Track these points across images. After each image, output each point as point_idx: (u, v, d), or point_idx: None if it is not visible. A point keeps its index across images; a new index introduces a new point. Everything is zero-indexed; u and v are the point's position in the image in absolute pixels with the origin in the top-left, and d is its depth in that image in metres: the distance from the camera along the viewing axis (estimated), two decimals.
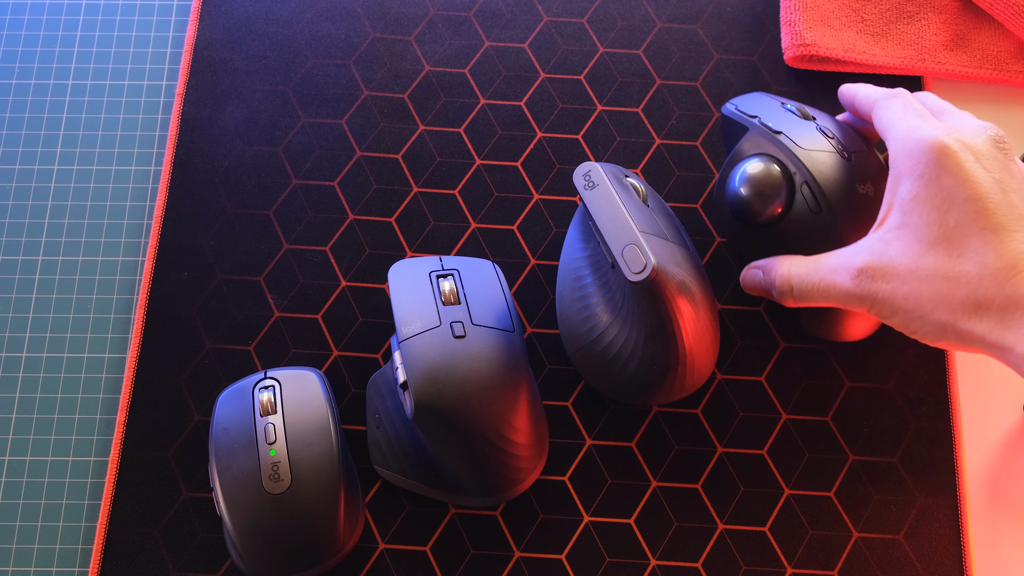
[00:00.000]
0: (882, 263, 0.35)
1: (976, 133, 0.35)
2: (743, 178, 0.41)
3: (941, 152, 0.34)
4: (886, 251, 0.35)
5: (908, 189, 0.35)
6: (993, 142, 0.35)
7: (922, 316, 0.34)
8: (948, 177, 0.34)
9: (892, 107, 0.38)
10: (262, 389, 0.41)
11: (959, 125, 0.36)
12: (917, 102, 0.38)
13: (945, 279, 0.33)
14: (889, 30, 0.49)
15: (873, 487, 0.43)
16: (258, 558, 0.38)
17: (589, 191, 0.40)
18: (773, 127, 0.41)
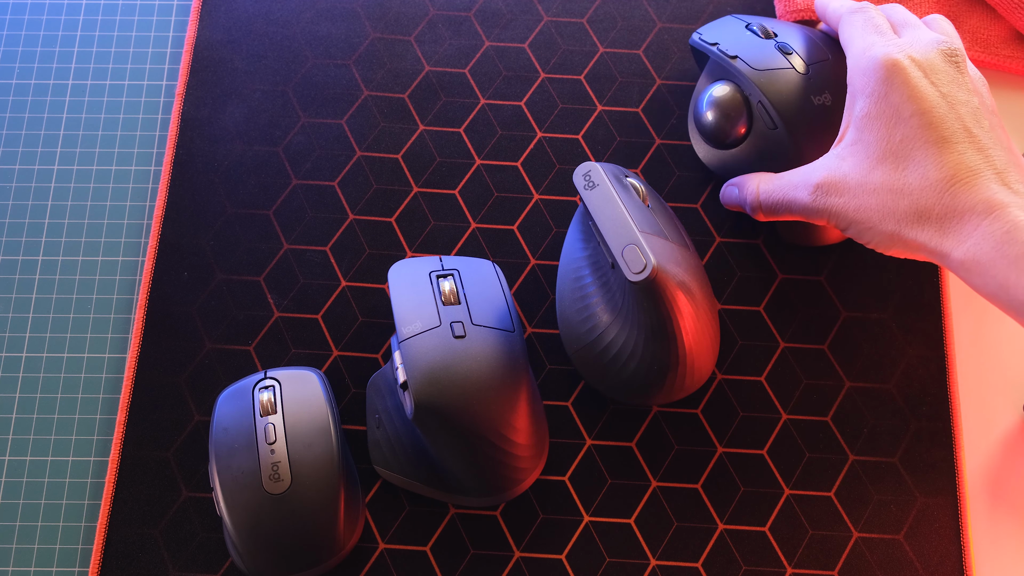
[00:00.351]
0: (836, 178, 0.37)
1: (928, 48, 0.37)
2: (706, 102, 0.45)
3: (891, 69, 0.36)
4: (840, 167, 0.37)
5: (861, 106, 0.37)
6: (944, 55, 0.36)
7: (872, 227, 0.36)
8: (896, 94, 0.35)
9: (854, 23, 0.39)
10: (262, 389, 0.41)
11: (913, 41, 0.37)
12: (880, 16, 0.39)
13: (891, 191, 0.35)
14: None
15: (873, 487, 0.43)
16: (258, 558, 0.38)
17: (589, 191, 0.40)
18: (729, 53, 0.44)
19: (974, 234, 0.33)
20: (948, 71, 0.36)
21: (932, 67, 0.36)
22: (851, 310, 0.46)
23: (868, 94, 0.36)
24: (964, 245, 0.33)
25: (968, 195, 0.33)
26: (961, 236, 0.33)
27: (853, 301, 0.46)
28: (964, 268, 0.34)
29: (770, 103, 0.42)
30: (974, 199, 0.33)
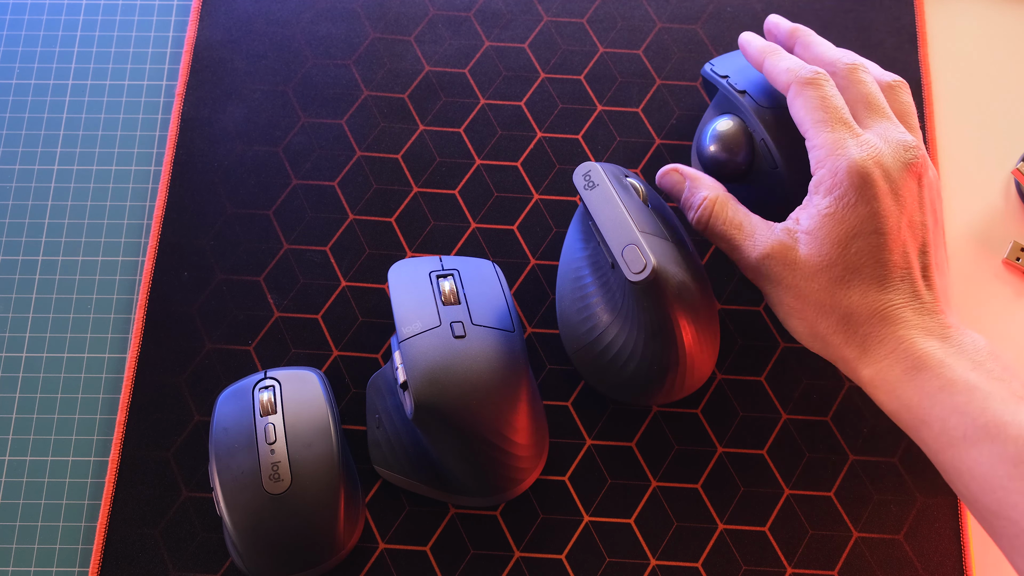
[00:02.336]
0: (786, 258, 0.37)
1: (896, 156, 0.36)
2: (709, 135, 0.44)
3: (864, 179, 0.36)
4: (793, 248, 0.37)
5: (827, 204, 0.36)
6: (910, 169, 0.36)
7: (802, 319, 0.37)
8: (864, 206, 0.35)
9: (809, 102, 0.38)
10: (262, 389, 0.41)
11: (883, 144, 0.37)
12: (837, 95, 0.38)
13: (831, 297, 0.36)
14: None
15: (873, 487, 0.43)
16: (258, 558, 0.38)
17: (589, 191, 0.40)
18: (738, 87, 0.44)
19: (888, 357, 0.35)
20: (912, 188, 0.36)
21: (899, 184, 0.36)
22: None
23: (836, 196, 0.36)
24: (875, 366, 0.35)
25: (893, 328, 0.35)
26: (876, 357, 0.35)
27: None
28: (872, 385, 0.35)
29: (773, 143, 0.42)
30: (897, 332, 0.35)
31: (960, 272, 0.46)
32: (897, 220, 0.36)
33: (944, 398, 0.33)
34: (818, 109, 0.37)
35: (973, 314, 0.46)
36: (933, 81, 0.50)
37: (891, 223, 0.35)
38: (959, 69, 0.50)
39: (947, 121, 0.49)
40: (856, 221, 0.35)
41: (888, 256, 0.35)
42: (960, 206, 0.48)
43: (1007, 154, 0.49)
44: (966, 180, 0.48)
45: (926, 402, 0.33)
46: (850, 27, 0.51)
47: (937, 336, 0.34)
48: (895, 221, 0.36)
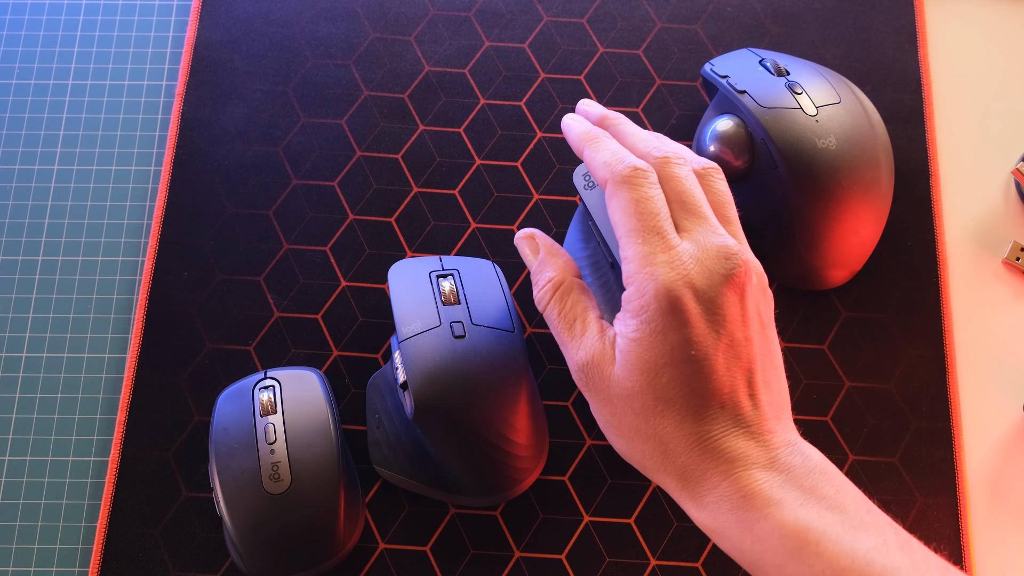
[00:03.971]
0: (603, 373, 0.33)
1: (714, 271, 0.32)
2: (709, 135, 0.44)
3: (670, 304, 0.32)
4: (609, 364, 0.33)
5: (634, 328, 0.32)
6: (730, 282, 0.32)
7: (619, 436, 0.34)
8: (673, 333, 0.32)
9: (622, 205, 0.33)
10: (262, 389, 0.41)
11: (696, 257, 0.32)
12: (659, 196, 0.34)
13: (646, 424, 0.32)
14: None
15: (873, 487, 0.43)
16: (258, 558, 0.38)
17: (589, 191, 0.40)
18: (738, 87, 0.44)
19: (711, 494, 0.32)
20: (732, 304, 0.32)
21: (716, 302, 0.32)
22: (851, 310, 0.46)
23: (644, 320, 0.32)
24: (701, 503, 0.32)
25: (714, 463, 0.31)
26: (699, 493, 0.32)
27: (853, 301, 0.46)
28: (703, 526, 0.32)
29: (773, 142, 0.42)
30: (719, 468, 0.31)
31: (960, 272, 0.46)
32: (713, 344, 0.32)
33: (776, 542, 0.30)
34: (631, 215, 0.33)
35: (973, 314, 0.46)
36: (933, 81, 0.50)
37: (705, 349, 0.32)
38: (959, 69, 0.50)
39: (947, 121, 0.49)
40: (665, 349, 0.32)
41: (704, 384, 0.31)
42: (960, 206, 0.48)
43: (1007, 154, 0.49)
44: (966, 180, 0.48)
45: (759, 546, 0.30)
46: (850, 27, 0.51)
47: (763, 465, 0.31)
48: (710, 346, 0.32)
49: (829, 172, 0.42)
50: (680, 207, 0.34)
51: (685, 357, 0.32)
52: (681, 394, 0.32)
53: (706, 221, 0.34)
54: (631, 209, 0.33)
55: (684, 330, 0.32)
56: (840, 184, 0.42)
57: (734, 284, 0.32)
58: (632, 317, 0.33)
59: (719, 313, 0.32)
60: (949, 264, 0.47)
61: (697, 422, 0.32)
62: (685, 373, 0.32)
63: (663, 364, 0.32)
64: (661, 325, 0.32)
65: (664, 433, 0.32)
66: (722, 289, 0.32)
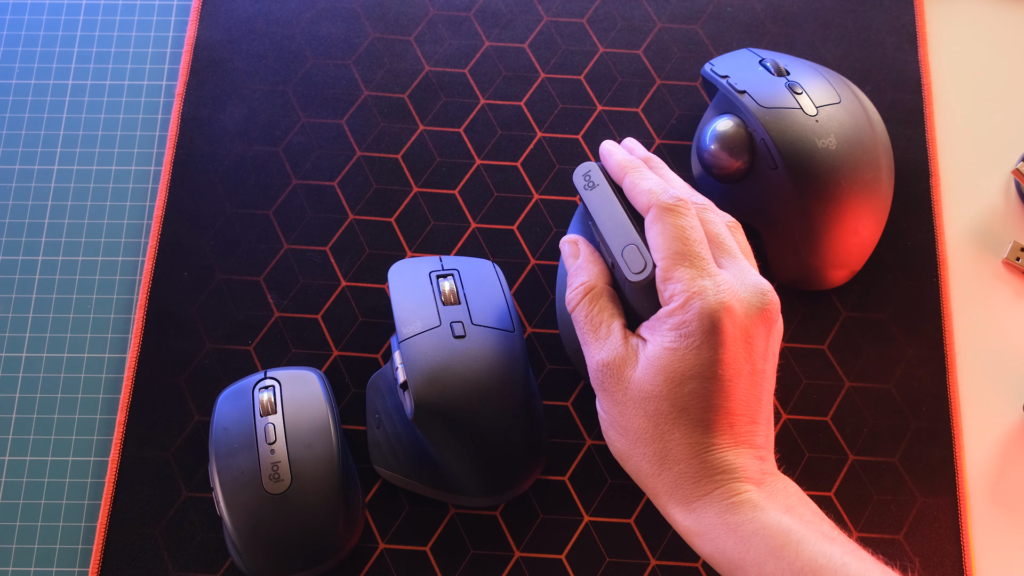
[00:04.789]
0: (621, 373, 0.35)
1: (751, 302, 0.35)
2: (709, 136, 0.44)
3: (712, 325, 0.34)
4: (630, 365, 0.35)
5: (671, 339, 0.34)
6: (763, 315, 0.35)
7: (620, 435, 0.36)
8: (708, 351, 0.34)
9: (669, 230, 0.36)
10: (262, 389, 0.41)
11: (737, 288, 0.35)
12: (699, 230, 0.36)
13: (653, 427, 0.35)
14: None
15: (873, 487, 0.43)
16: (258, 558, 0.38)
17: (589, 191, 0.40)
18: (738, 87, 0.44)
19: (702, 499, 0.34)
20: (761, 336, 0.35)
21: (750, 331, 0.35)
22: (851, 310, 0.46)
23: (684, 334, 0.34)
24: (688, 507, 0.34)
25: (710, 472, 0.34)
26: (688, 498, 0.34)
27: (853, 301, 0.46)
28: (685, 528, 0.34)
29: (773, 142, 0.42)
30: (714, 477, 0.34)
31: (960, 272, 0.46)
32: (739, 369, 0.34)
33: (759, 542, 0.32)
34: (677, 239, 0.35)
35: (973, 314, 0.46)
36: (933, 81, 0.50)
37: (731, 371, 0.34)
38: (959, 69, 0.50)
39: (947, 121, 0.49)
40: (696, 363, 0.34)
41: (721, 402, 0.34)
42: (960, 206, 0.48)
43: (1007, 154, 0.49)
44: (966, 180, 0.48)
45: (741, 546, 0.32)
46: (850, 27, 0.51)
47: (754, 480, 0.34)
48: (736, 370, 0.34)
49: (829, 172, 0.42)
50: (716, 246, 0.37)
51: (712, 374, 0.34)
52: (697, 406, 0.34)
53: (741, 260, 0.37)
54: (678, 234, 0.36)
55: (718, 350, 0.34)
56: (840, 184, 0.42)
57: (766, 319, 0.35)
58: (671, 329, 0.35)
59: (750, 342, 0.35)
60: (949, 264, 0.47)
61: (704, 434, 0.34)
62: (707, 388, 0.34)
63: (690, 376, 0.34)
64: (698, 341, 0.34)
65: (670, 439, 0.34)
66: (756, 321, 0.35)
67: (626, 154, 0.40)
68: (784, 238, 0.44)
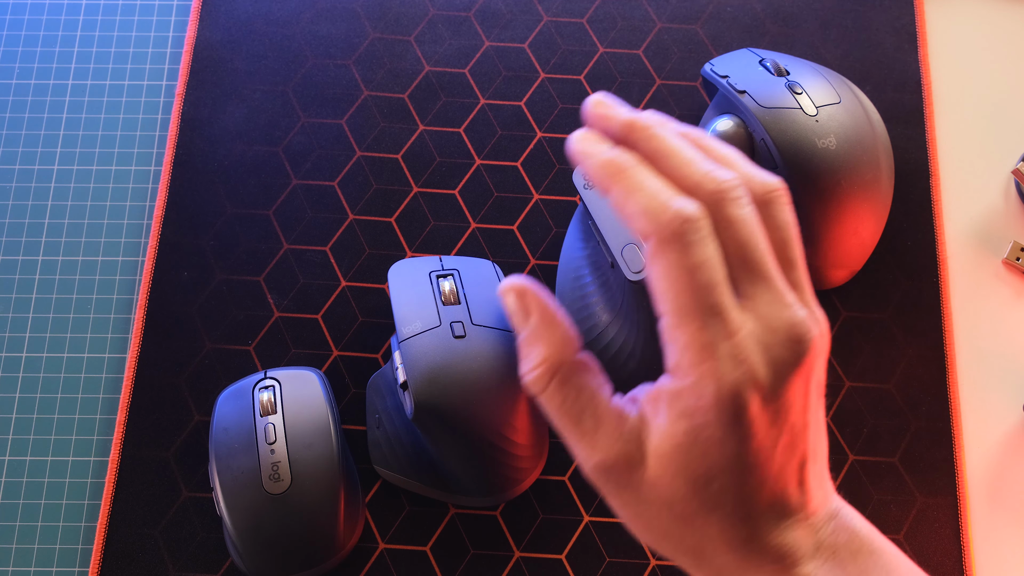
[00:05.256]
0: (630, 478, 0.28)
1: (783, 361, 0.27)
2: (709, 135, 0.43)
3: (735, 411, 0.26)
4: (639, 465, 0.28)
5: (683, 431, 0.27)
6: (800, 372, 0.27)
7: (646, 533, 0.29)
8: (732, 443, 0.26)
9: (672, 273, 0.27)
10: (262, 389, 0.41)
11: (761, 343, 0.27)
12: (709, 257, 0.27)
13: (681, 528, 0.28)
14: None
15: (873, 487, 0.43)
16: (258, 558, 0.38)
17: (589, 190, 0.40)
18: (738, 87, 0.44)
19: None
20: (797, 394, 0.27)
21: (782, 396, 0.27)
22: (851, 310, 0.46)
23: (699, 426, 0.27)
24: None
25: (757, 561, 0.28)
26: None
27: (853, 301, 0.46)
28: None
29: (773, 142, 0.42)
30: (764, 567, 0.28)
31: (960, 272, 0.46)
32: (772, 446, 0.27)
33: None
34: (684, 289, 0.26)
35: (973, 314, 0.46)
36: (933, 81, 0.50)
37: (764, 454, 0.27)
38: (959, 69, 0.50)
39: (947, 121, 0.49)
40: (719, 458, 0.27)
41: (755, 489, 0.27)
42: (960, 206, 0.48)
43: (1007, 154, 0.49)
44: (966, 180, 0.48)
45: None
46: (850, 27, 0.51)
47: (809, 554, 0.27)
48: (768, 449, 0.27)
49: (829, 172, 0.42)
50: (740, 264, 0.27)
51: (743, 465, 0.27)
52: (730, 500, 0.27)
53: (772, 284, 0.27)
54: (684, 281, 0.26)
55: (745, 440, 0.26)
56: (840, 184, 0.42)
57: (803, 371, 0.27)
58: (681, 417, 0.27)
59: (783, 408, 0.27)
60: (949, 264, 0.47)
61: (743, 525, 0.27)
62: (737, 480, 0.27)
63: (716, 474, 0.27)
64: (719, 433, 0.26)
65: (705, 536, 0.28)
66: (790, 379, 0.27)
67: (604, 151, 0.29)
68: None
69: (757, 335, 0.27)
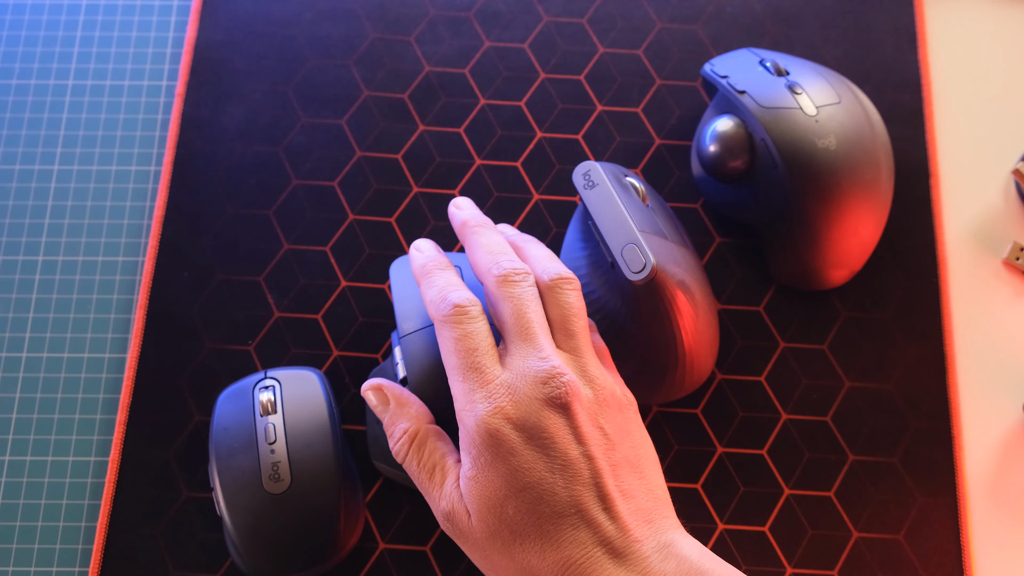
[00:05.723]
0: (462, 523, 0.33)
1: (532, 398, 0.32)
2: (709, 135, 0.44)
3: (492, 438, 0.32)
4: (464, 513, 0.33)
5: (469, 467, 0.33)
6: (551, 405, 0.33)
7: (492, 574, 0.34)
8: (501, 465, 0.32)
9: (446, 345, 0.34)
10: (262, 389, 0.41)
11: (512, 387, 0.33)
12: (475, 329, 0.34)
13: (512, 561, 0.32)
14: None
15: (873, 487, 0.43)
16: (258, 558, 0.38)
17: (589, 191, 0.40)
18: (738, 87, 0.44)
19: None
20: (557, 425, 0.32)
21: (539, 427, 0.32)
22: (851, 310, 0.46)
23: (474, 457, 0.33)
24: None
25: None
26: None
27: (853, 301, 0.46)
28: None
29: (773, 142, 0.42)
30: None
31: (960, 272, 0.46)
32: (545, 468, 0.32)
33: None
34: (451, 353, 0.34)
35: (973, 314, 0.46)
36: (933, 81, 0.50)
37: (536, 475, 0.32)
38: (959, 69, 0.50)
39: (947, 121, 0.49)
40: (499, 483, 0.32)
41: (547, 509, 0.32)
42: (960, 206, 0.48)
43: (1007, 154, 0.49)
44: (966, 180, 0.48)
45: None
46: (850, 27, 0.51)
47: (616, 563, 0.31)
48: (542, 471, 0.32)
49: (829, 172, 0.42)
50: (511, 329, 0.34)
51: (520, 486, 0.32)
52: (530, 522, 0.32)
53: (532, 343, 0.34)
54: (451, 347, 0.34)
55: (511, 460, 0.32)
56: (840, 184, 0.42)
57: (556, 406, 0.32)
58: (466, 455, 0.33)
59: (545, 436, 0.32)
60: (949, 264, 0.47)
61: (556, 549, 0.31)
62: (526, 501, 0.32)
63: (503, 497, 0.32)
64: (488, 459, 0.32)
65: (529, 565, 0.32)
66: (544, 413, 0.32)
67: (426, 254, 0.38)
68: (784, 238, 0.44)
69: (508, 382, 0.33)
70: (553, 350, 0.34)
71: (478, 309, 0.35)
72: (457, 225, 0.39)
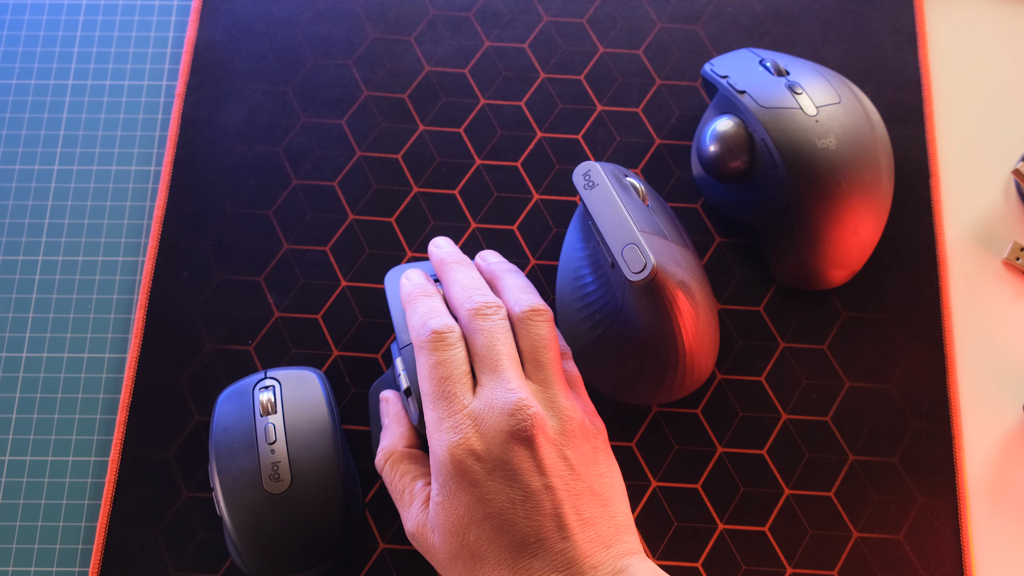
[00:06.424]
0: (427, 541, 0.35)
1: (498, 430, 0.33)
2: (709, 135, 0.44)
3: (456, 467, 0.33)
4: (430, 533, 0.35)
5: (436, 492, 0.34)
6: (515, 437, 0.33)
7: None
8: (465, 494, 0.33)
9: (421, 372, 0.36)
10: (262, 389, 0.41)
11: (479, 419, 0.34)
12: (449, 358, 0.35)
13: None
14: None
15: (873, 487, 0.43)
16: (258, 558, 0.38)
17: (589, 191, 0.40)
18: (738, 87, 0.44)
19: None
20: (521, 456, 0.33)
21: (503, 458, 0.33)
22: (851, 310, 0.46)
23: (441, 484, 0.34)
24: None
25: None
26: None
27: (853, 301, 0.46)
28: None
29: (773, 142, 0.42)
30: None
31: (960, 272, 0.46)
32: (507, 499, 0.33)
33: None
34: (426, 379, 0.35)
35: (973, 314, 0.46)
36: (933, 81, 0.50)
37: (499, 505, 0.33)
38: (959, 69, 0.50)
39: (947, 121, 0.49)
40: (463, 510, 0.33)
41: (507, 538, 0.33)
42: (960, 206, 0.48)
43: (1007, 154, 0.49)
44: (966, 180, 0.48)
45: None
46: (850, 27, 0.51)
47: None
48: (504, 501, 0.33)
49: (829, 172, 0.42)
50: (481, 361, 0.35)
51: (483, 515, 0.33)
52: (490, 550, 0.33)
53: (500, 375, 0.34)
54: (426, 374, 0.35)
55: (474, 490, 0.33)
56: (840, 184, 0.42)
57: (520, 438, 0.33)
58: (434, 481, 0.35)
59: (509, 468, 0.33)
60: (949, 264, 0.47)
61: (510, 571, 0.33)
62: (487, 529, 0.33)
63: (466, 524, 0.33)
64: (453, 487, 0.33)
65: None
66: (508, 445, 0.33)
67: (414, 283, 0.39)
68: (784, 238, 0.44)
69: (476, 412, 0.34)
70: (521, 382, 0.35)
71: (456, 335, 0.36)
72: (435, 263, 0.40)
